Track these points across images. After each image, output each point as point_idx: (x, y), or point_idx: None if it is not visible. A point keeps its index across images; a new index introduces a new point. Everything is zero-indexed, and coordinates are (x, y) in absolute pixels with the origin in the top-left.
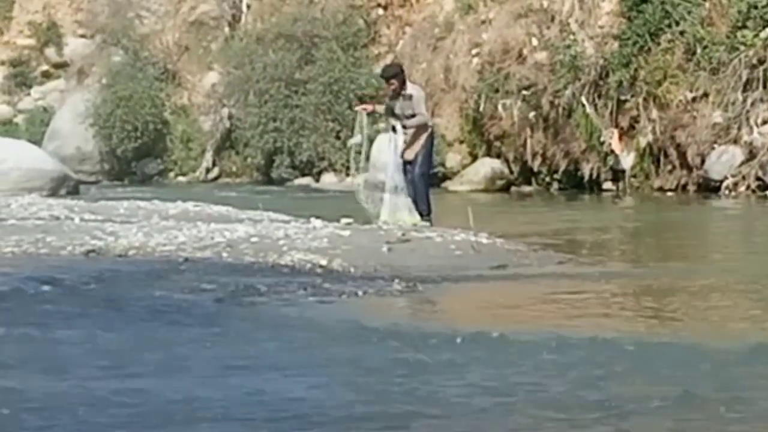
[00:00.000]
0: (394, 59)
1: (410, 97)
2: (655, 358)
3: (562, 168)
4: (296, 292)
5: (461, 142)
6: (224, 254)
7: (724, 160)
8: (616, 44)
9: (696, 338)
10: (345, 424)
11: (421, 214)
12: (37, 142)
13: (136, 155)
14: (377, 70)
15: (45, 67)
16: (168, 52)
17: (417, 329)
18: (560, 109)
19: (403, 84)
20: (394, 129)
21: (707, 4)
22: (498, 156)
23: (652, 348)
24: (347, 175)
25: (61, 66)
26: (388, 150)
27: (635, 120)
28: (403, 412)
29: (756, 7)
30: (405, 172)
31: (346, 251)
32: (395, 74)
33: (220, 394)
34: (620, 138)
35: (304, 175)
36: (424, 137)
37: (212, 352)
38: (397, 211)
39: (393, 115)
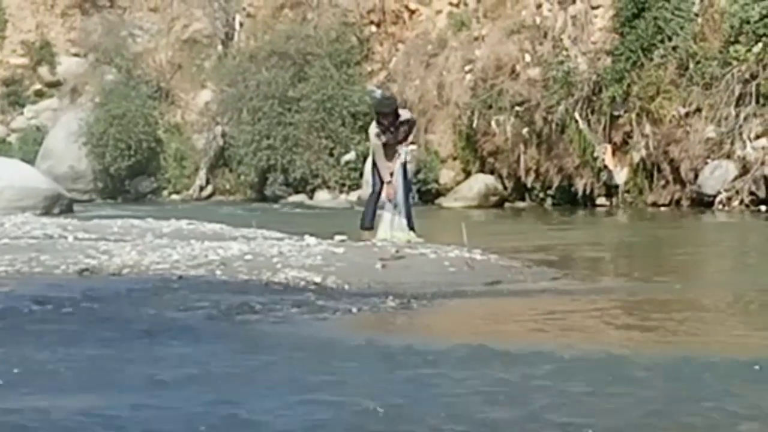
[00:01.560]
0: (387, 77)
1: (407, 122)
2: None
3: (555, 184)
4: (290, 310)
5: (454, 158)
6: (218, 272)
7: (717, 175)
8: (609, 60)
9: (693, 352)
10: None
11: (412, 229)
12: (31, 161)
13: (129, 173)
14: (370, 86)
15: (38, 86)
16: (161, 71)
17: (410, 346)
18: (553, 125)
19: (397, 115)
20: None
21: (700, 20)
22: (491, 172)
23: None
24: (341, 192)
25: (54, 85)
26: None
27: (628, 135)
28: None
29: (748, 23)
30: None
31: (340, 268)
32: (395, 108)
33: (212, 411)
34: (613, 153)
35: (297, 192)
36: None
37: (204, 369)
38: (393, 229)
39: (386, 146)
